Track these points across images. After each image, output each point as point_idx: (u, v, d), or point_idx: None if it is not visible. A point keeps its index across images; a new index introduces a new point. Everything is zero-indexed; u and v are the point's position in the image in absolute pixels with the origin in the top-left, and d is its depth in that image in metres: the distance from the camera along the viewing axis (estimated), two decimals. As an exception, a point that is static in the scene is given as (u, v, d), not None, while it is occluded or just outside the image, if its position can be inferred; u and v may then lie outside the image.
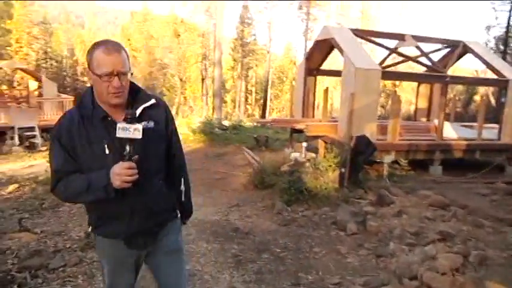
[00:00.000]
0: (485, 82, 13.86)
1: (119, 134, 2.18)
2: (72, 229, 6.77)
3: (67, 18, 61.87)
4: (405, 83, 37.08)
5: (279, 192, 8.40)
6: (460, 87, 31.84)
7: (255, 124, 22.03)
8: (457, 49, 14.10)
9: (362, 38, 12.88)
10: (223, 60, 56.11)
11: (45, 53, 50.04)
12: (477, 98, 31.90)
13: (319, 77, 16.04)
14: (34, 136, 17.50)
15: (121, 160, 2.22)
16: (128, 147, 2.21)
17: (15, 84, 31.16)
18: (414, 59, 13.33)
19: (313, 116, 15.70)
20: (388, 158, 11.07)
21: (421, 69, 15.25)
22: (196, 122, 20.23)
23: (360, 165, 9.08)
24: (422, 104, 16.46)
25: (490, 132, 13.41)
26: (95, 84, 2.26)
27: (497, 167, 12.57)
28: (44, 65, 48.64)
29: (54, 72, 48.87)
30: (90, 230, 2.63)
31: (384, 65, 13.14)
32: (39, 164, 12.71)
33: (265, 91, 39.05)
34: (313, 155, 9.27)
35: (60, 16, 62.64)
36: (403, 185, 10.14)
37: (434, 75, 12.63)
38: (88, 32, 59.77)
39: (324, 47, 13.92)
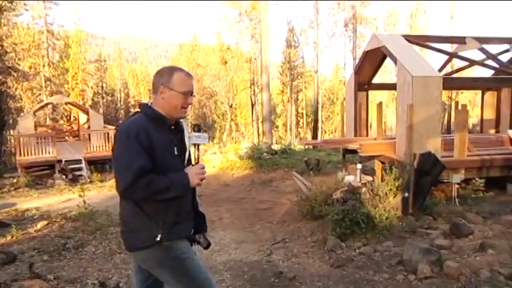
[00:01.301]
0: None
1: (194, 140, 2.74)
2: (91, 275, 5.82)
3: (120, 54, 63.25)
4: (462, 95, 34.75)
5: (332, 224, 7.02)
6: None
7: (306, 147, 20.69)
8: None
9: (416, 43, 11.40)
10: (272, 85, 55.44)
11: (101, 88, 51.36)
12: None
13: (370, 92, 14.62)
14: (80, 169, 17.01)
15: (186, 162, 2.73)
16: (197, 152, 2.77)
17: (72, 119, 31.70)
18: (480, 63, 11.67)
19: (367, 135, 14.24)
20: (456, 177, 9.46)
21: (486, 75, 13.49)
22: (244, 147, 19.11)
23: (427, 187, 7.57)
24: (489, 114, 14.62)
25: None
26: (171, 99, 2.62)
27: None
28: (99, 100, 49.83)
29: (108, 105, 49.79)
30: (158, 239, 2.60)
31: (442, 72, 11.57)
32: (77, 198, 11.94)
33: (316, 112, 37.59)
34: (370, 178, 7.85)
35: (115, 53, 64.25)
36: (479, 208, 8.50)
37: (506, 78, 10.91)
38: (140, 65, 60.83)
39: (374, 57, 12.52)
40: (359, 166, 7.67)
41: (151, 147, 2.48)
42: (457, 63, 18.79)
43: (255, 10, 33.58)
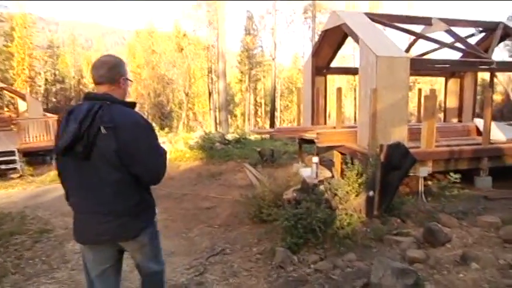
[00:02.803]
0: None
1: None
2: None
3: (74, 40, 59.90)
4: (423, 81, 33.99)
5: (282, 232, 5.60)
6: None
7: (263, 136, 19.22)
8: (496, 32, 11.20)
9: (380, 23, 10.07)
10: (231, 74, 53.88)
11: (54, 75, 48.48)
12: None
13: (328, 80, 13.26)
14: (13, 162, 14.97)
15: None
16: None
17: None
18: (450, 45, 10.44)
19: (325, 123, 12.91)
20: (423, 171, 8.26)
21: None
22: (195, 137, 17.52)
23: (395, 185, 6.26)
24: (452, 102, 13.56)
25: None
26: (127, 88, 2.79)
27: None
28: (51, 88, 47.03)
29: (56, 93, 47.15)
30: (157, 213, 2.90)
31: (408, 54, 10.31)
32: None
33: (273, 101, 36.19)
34: (328, 173, 6.48)
35: (69, 39, 60.74)
36: (450, 207, 7.27)
37: (478, 62, 9.73)
38: (95, 53, 57.74)
39: (334, 37, 11.14)
40: (315, 160, 6.29)
41: None
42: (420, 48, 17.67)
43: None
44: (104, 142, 2.44)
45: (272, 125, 34.64)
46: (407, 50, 10.83)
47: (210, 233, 6.74)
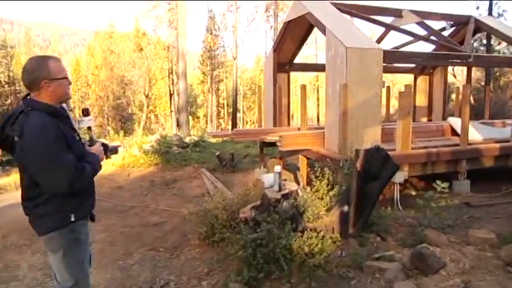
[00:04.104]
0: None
1: (87, 124, 2.91)
2: None
3: (29, 40, 56.90)
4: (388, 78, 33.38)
5: (238, 262, 4.40)
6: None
7: (226, 139, 17.88)
8: (467, 26, 10.35)
9: (347, 13, 9.03)
10: (193, 75, 52.37)
11: (8, 77, 45.79)
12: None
13: (291, 77, 12.10)
14: None
15: (86, 144, 2.86)
16: (91, 133, 2.93)
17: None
18: (425, 38, 9.48)
19: (289, 124, 11.78)
20: (399, 176, 7.25)
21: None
22: (151, 140, 16.09)
23: (373, 197, 5.14)
24: (421, 101, 12.69)
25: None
26: (58, 89, 2.63)
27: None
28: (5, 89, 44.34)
29: (7, 95, 44.64)
30: (73, 219, 2.70)
31: (378, 48, 9.27)
32: None
33: (235, 101, 34.91)
34: (294, 185, 5.30)
35: (24, 39, 57.68)
36: (432, 218, 6.22)
37: (456, 55, 8.77)
38: (52, 54, 55.05)
39: (297, 29, 10.00)
40: (277, 169, 5.10)
41: (66, 140, 2.54)
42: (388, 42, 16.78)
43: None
44: (16, 148, 2.54)
45: (234, 126, 33.42)
46: (378, 43, 9.81)
47: (154, 259, 5.45)
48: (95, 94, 44.64)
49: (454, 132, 9.94)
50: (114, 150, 3.54)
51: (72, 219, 2.67)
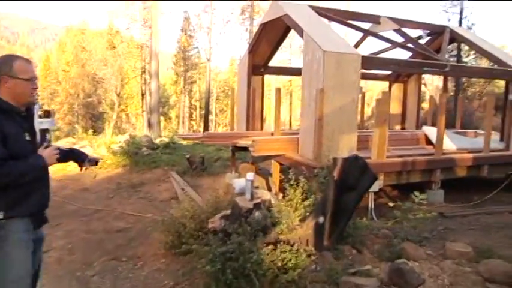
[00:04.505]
0: (491, 74, 10.01)
1: (41, 125, 2.76)
2: None
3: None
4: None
5: (205, 276, 4.05)
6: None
7: (200, 142, 17.37)
8: (442, 36, 10.29)
9: (325, 17, 8.79)
10: (166, 75, 51.60)
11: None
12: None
13: (266, 78, 11.80)
14: None
15: (39, 145, 2.71)
16: (47, 135, 2.80)
17: None
18: (402, 45, 9.34)
19: (262, 128, 11.46)
20: (374, 185, 6.96)
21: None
22: (119, 141, 15.54)
23: (350, 208, 4.86)
24: (395, 108, 12.58)
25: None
26: (17, 88, 2.60)
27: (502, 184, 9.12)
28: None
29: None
30: (1, 216, 2.54)
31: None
32: None
33: (207, 103, 34.40)
34: (267, 194, 5.00)
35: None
36: (407, 230, 6.02)
37: (434, 63, 8.63)
38: (20, 48, 53.35)
39: (274, 31, 9.71)
40: (250, 176, 4.78)
41: (3, 137, 2.48)
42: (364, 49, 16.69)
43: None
44: None
45: (206, 129, 32.94)
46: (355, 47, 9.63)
47: (115, 269, 5.05)
48: (65, 91, 43.38)
49: (428, 141, 9.84)
50: (93, 161, 3.23)
51: (0, 216, 2.53)
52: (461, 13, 25.59)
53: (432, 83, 30.18)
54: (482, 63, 23.92)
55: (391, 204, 6.20)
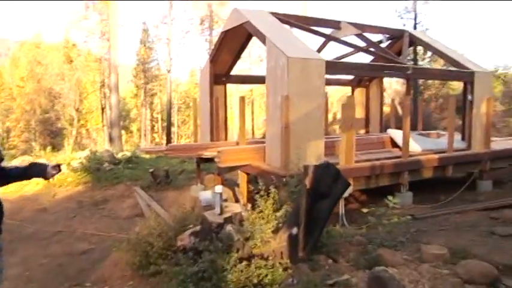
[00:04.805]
0: (450, 75, 10.17)
1: None
2: None
3: None
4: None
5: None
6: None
7: (163, 154, 16.94)
8: (402, 40, 10.38)
9: (287, 23, 8.66)
10: (126, 88, 50.58)
11: None
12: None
13: (229, 87, 11.60)
14: None
15: None
16: None
17: None
18: (365, 49, 9.33)
19: (226, 139, 11.21)
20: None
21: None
22: (80, 157, 14.95)
23: (324, 216, 4.69)
24: (358, 113, 12.58)
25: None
26: None
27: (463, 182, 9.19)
28: None
29: None
30: None
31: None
32: None
33: (169, 115, 33.85)
34: (237, 207, 4.76)
35: None
36: (380, 234, 5.90)
37: (397, 67, 8.65)
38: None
39: (235, 39, 9.51)
40: (218, 189, 4.54)
41: None
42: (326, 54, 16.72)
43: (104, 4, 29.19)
44: None
45: (168, 141, 32.39)
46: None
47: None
48: (20, 108, 41.80)
49: (393, 143, 9.87)
50: (57, 168, 2.93)
51: None
52: (415, 18, 26.21)
53: (391, 86, 30.70)
54: (436, 66, 24.48)
55: (365, 210, 6.04)
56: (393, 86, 29.14)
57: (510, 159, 10.60)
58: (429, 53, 25.99)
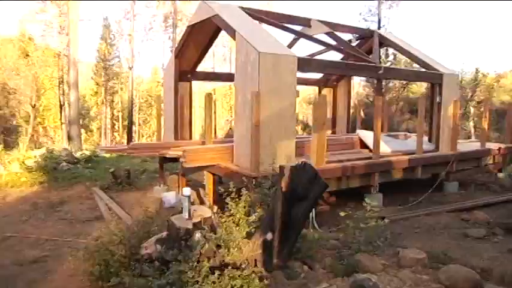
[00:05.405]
0: (421, 76, 10.07)
1: None
2: None
3: None
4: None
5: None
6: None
7: (125, 154, 16.22)
8: (370, 40, 10.23)
9: (258, 19, 8.31)
10: (86, 85, 49.04)
11: None
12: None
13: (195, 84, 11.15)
14: None
15: None
16: None
17: None
18: (337, 47, 9.09)
19: (191, 138, 10.77)
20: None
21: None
22: (35, 155, 14.13)
23: (300, 221, 4.37)
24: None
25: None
26: None
27: (432, 183, 9.24)
28: None
29: None
30: None
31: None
32: None
33: (130, 114, 32.93)
34: (207, 211, 4.36)
35: None
36: (354, 237, 5.64)
37: (369, 66, 8.44)
38: None
39: (202, 34, 9.09)
40: (186, 192, 4.14)
41: None
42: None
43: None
44: None
45: (130, 140, 31.45)
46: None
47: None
48: (-31, 104, 39.73)
49: (362, 144, 9.70)
50: None
51: None
52: (379, 22, 26.48)
53: (353, 89, 30.91)
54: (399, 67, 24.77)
55: (342, 214, 5.76)
56: (356, 88, 29.37)
57: (474, 160, 10.69)
58: (391, 56, 26.37)
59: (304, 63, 7.16)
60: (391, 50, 25.22)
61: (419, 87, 33.44)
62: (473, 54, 71.26)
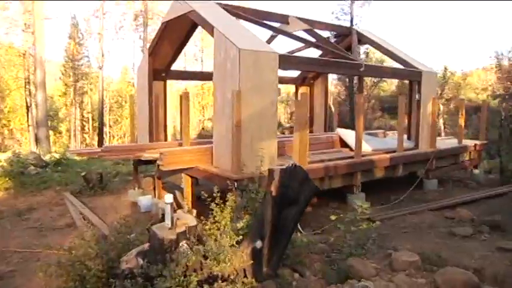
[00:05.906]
0: (401, 74, 9.95)
1: None
2: None
3: None
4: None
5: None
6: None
7: (97, 156, 15.61)
8: (348, 37, 10.06)
9: (235, 15, 7.98)
10: (54, 86, 47.64)
11: None
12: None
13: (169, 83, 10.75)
14: None
15: None
16: None
17: None
18: (317, 44, 8.85)
19: (166, 139, 10.37)
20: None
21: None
22: (1, 160, 13.43)
23: (290, 226, 4.09)
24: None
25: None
26: None
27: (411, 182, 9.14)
28: None
29: None
30: None
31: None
32: None
33: (101, 115, 32.10)
34: (191, 219, 4.03)
35: None
36: (342, 239, 5.41)
37: (350, 63, 8.21)
38: None
39: (178, 31, 8.71)
40: (168, 199, 3.80)
41: None
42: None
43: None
44: None
45: (101, 142, 30.61)
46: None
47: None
48: None
49: (342, 143, 9.51)
50: None
51: None
52: (351, 21, 26.50)
53: (330, 86, 30.97)
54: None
55: (333, 217, 5.52)
56: (328, 87, 29.41)
57: (451, 157, 10.66)
58: (363, 55, 26.44)
59: (286, 61, 6.89)
60: (363, 49, 25.27)
61: (390, 85, 33.81)
62: (441, 53, 72.94)
